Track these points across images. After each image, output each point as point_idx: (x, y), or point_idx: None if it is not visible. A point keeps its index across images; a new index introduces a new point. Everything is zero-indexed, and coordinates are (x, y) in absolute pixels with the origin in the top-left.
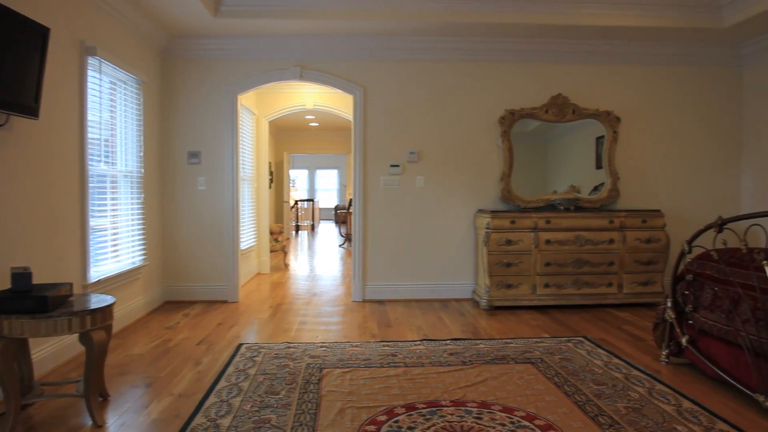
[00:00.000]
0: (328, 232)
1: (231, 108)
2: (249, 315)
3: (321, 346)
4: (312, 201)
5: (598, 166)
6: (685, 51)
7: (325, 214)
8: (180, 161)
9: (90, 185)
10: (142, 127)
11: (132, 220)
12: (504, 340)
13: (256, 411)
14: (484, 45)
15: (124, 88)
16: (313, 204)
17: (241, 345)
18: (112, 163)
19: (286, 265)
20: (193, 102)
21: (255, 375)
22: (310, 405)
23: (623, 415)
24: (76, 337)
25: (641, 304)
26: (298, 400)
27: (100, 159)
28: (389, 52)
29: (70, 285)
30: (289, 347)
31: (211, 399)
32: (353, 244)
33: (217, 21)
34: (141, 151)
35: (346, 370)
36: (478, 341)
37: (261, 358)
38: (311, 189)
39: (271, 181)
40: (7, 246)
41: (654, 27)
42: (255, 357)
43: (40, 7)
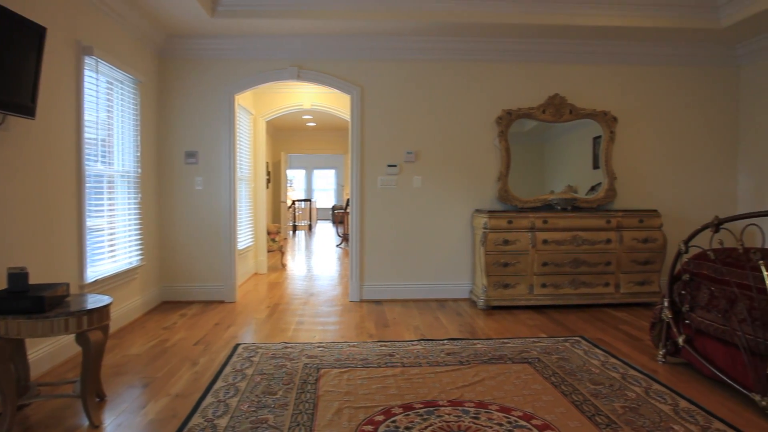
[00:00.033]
0: (326, 232)
1: (228, 108)
2: (246, 315)
3: (318, 346)
4: (309, 201)
5: (595, 166)
6: (682, 51)
7: (322, 214)
8: (177, 161)
9: (87, 185)
10: (139, 127)
11: (129, 220)
12: (501, 340)
13: (254, 411)
14: (482, 45)
15: (121, 88)
16: (310, 204)
17: (238, 345)
18: (109, 163)
19: (284, 265)
20: (191, 102)
21: (252, 375)
22: (307, 405)
23: (620, 415)
24: (72, 337)
25: (638, 304)
26: (296, 400)
27: (96, 159)
28: (386, 52)
29: (67, 285)
30: (286, 347)
31: (209, 399)
32: (350, 244)
33: (215, 21)
34: (138, 150)
35: (344, 370)
36: (476, 341)
37: (258, 359)
38: (308, 189)
39: (268, 181)
40: (3, 246)
41: (651, 27)
42: (252, 357)
43: (36, 7)
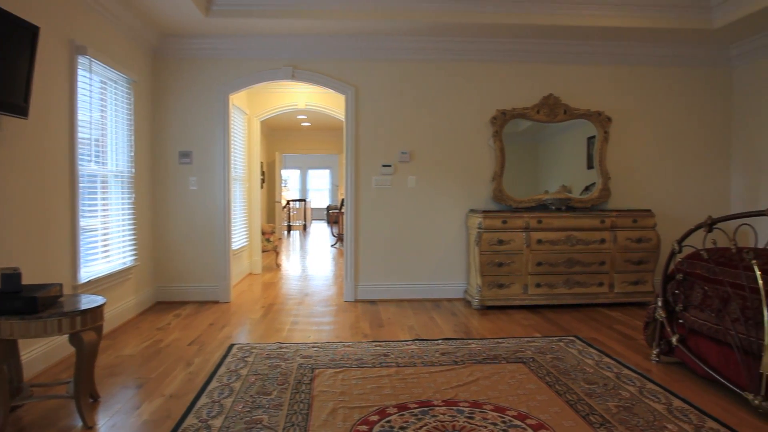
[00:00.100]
0: (320, 232)
1: (222, 108)
2: (241, 315)
3: (313, 347)
4: (304, 201)
5: (590, 166)
6: (676, 52)
7: (317, 214)
8: (171, 161)
9: (80, 185)
10: (133, 127)
11: (123, 220)
12: (496, 340)
13: (248, 411)
14: (476, 45)
15: (115, 88)
16: (305, 204)
17: (232, 345)
18: (103, 162)
19: (278, 266)
20: (185, 102)
21: (247, 375)
22: (302, 405)
23: (614, 414)
24: (66, 338)
25: (632, 304)
26: (290, 400)
27: (90, 159)
28: (381, 52)
29: (60, 286)
30: (281, 347)
31: (203, 400)
32: (345, 244)
33: (209, 20)
34: (132, 150)
35: (338, 370)
36: (470, 341)
37: (253, 359)
38: (303, 189)
39: (262, 181)
40: None
41: (645, 28)
42: (247, 357)
43: (29, 6)
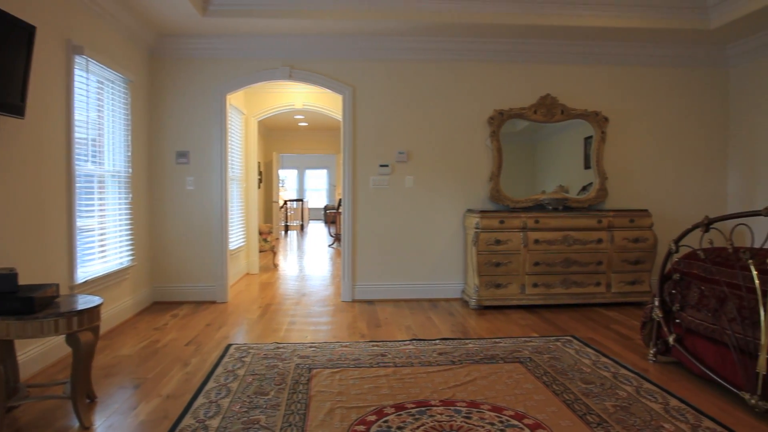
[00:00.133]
0: (318, 232)
1: (220, 107)
2: (238, 315)
3: (310, 347)
4: (301, 201)
5: (587, 166)
6: (673, 52)
7: (314, 214)
8: (168, 161)
9: (77, 185)
10: (130, 127)
11: (120, 220)
12: (493, 340)
13: (245, 412)
14: (474, 45)
15: (112, 88)
16: (302, 204)
17: (230, 345)
18: (100, 162)
19: (276, 266)
20: (182, 101)
21: (244, 376)
22: (299, 405)
23: (611, 414)
24: (63, 338)
25: (629, 303)
26: (288, 400)
27: (87, 159)
28: (379, 52)
29: (57, 286)
30: (278, 348)
31: (200, 400)
32: (342, 244)
33: (206, 20)
34: (129, 150)
35: (336, 370)
36: (468, 341)
37: (250, 359)
38: (300, 189)
39: (260, 181)
40: None
41: (642, 28)
42: (244, 357)
43: (26, 6)
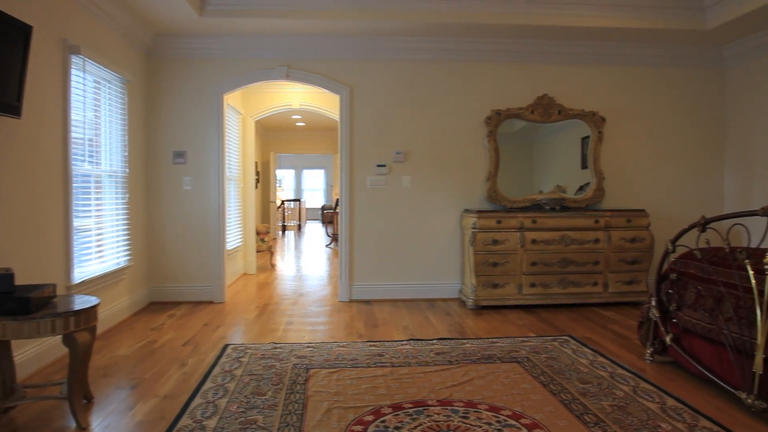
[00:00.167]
0: (315, 232)
1: (217, 107)
2: (235, 315)
3: (308, 347)
4: (299, 201)
5: (584, 166)
6: (669, 52)
7: (311, 214)
8: (165, 161)
9: (74, 185)
10: (127, 127)
11: (117, 220)
12: (490, 340)
13: (243, 412)
14: (471, 45)
15: (109, 88)
16: (299, 204)
17: (227, 346)
18: (97, 162)
19: (273, 266)
20: (179, 101)
21: (241, 376)
22: (296, 405)
23: (608, 413)
24: (59, 338)
25: (626, 303)
26: (285, 400)
27: (84, 159)
28: (376, 52)
29: (54, 286)
30: (275, 348)
31: (197, 400)
32: (340, 244)
33: (203, 20)
34: (126, 150)
35: (333, 370)
36: (465, 341)
37: (247, 359)
38: (298, 189)
39: (257, 181)
40: None
41: (639, 28)
42: (241, 358)
43: (22, 5)
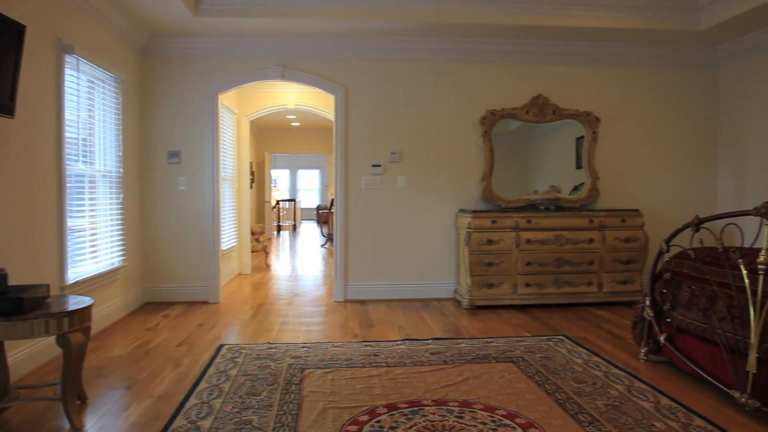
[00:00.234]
0: (310, 232)
1: (211, 107)
2: (230, 316)
3: (303, 347)
4: (293, 201)
5: (578, 166)
6: (664, 53)
7: (306, 214)
8: (160, 161)
9: (68, 185)
10: (121, 127)
11: (111, 220)
12: (485, 340)
13: (238, 412)
14: (466, 46)
15: (103, 87)
16: (294, 204)
17: (222, 346)
18: (91, 162)
19: (268, 266)
20: (173, 101)
21: (236, 376)
22: (291, 406)
23: (603, 413)
24: (53, 339)
25: (621, 303)
26: (280, 400)
27: (77, 158)
28: (371, 52)
29: (47, 286)
30: (270, 348)
31: (192, 401)
32: (335, 244)
33: (198, 19)
34: (120, 150)
35: (328, 370)
36: (460, 341)
37: (242, 359)
38: (293, 189)
39: (252, 181)
40: None
41: (633, 29)
42: (236, 358)
43: (15, 5)
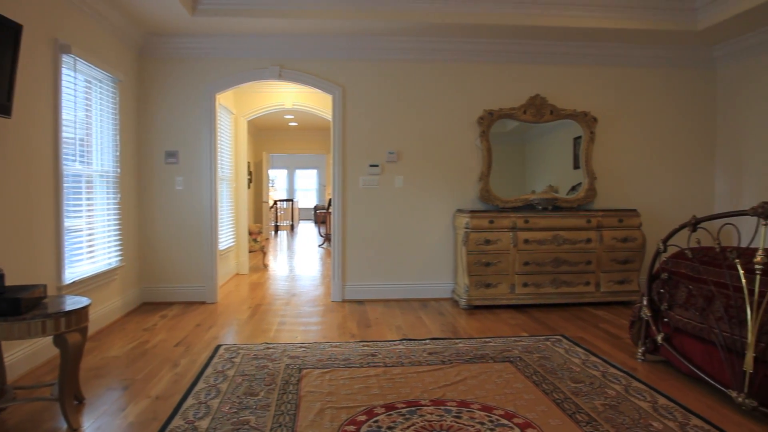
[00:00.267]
0: (308, 232)
1: (209, 107)
2: (228, 316)
3: (300, 347)
4: (291, 201)
5: (576, 166)
6: (661, 53)
7: (304, 214)
8: (157, 161)
9: (65, 185)
10: (119, 127)
11: (108, 220)
12: (483, 339)
13: (235, 412)
14: (464, 45)
15: (100, 87)
16: (292, 204)
17: (219, 346)
18: (88, 162)
19: (265, 266)
20: (171, 101)
21: (234, 376)
22: (289, 406)
23: (600, 413)
24: (50, 339)
25: (618, 303)
26: (277, 401)
27: (75, 158)
28: (368, 52)
29: (44, 287)
30: (268, 348)
31: (189, 401)
32: (332, 244)
33: (195, 19)
34: (117, 150)
35: (326, 370)
36: (458, 340)
37: (240, 359)
38: (290, 189)
39: (250, 181)
40: None
41: (630, 29)
42: (234, 358)
43: (12, 4)
